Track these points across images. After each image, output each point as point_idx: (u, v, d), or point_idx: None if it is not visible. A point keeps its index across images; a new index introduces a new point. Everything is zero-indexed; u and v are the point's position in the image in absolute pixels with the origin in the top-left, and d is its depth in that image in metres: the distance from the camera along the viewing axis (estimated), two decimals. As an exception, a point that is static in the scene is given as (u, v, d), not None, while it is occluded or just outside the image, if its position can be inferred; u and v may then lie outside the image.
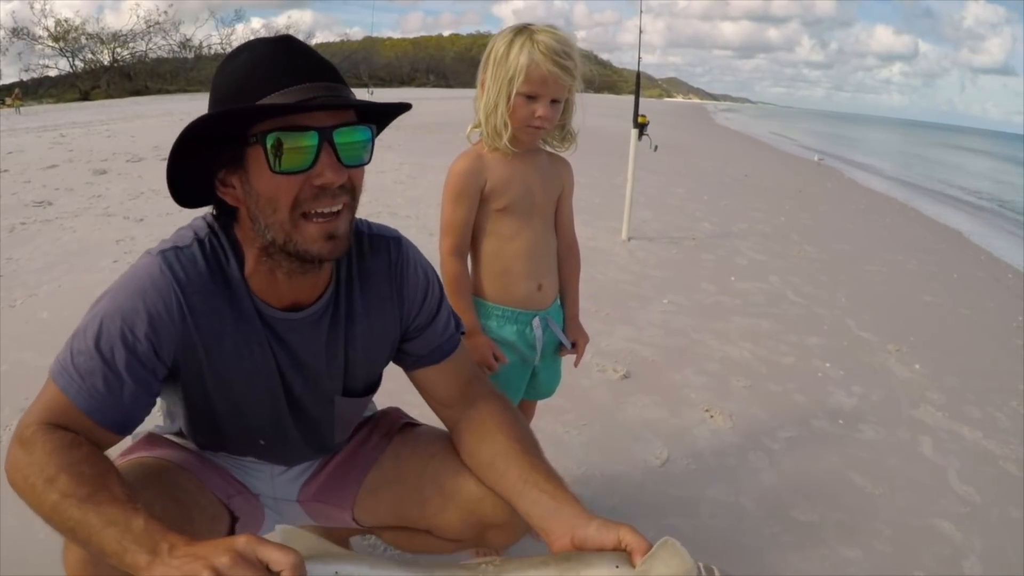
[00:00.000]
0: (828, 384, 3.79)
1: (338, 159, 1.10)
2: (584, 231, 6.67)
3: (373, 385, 1.48)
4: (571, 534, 1.12)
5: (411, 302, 1.40)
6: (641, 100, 6.56)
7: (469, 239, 1.93)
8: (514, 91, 1.77)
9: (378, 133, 1.23)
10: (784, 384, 3.72)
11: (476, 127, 1.91)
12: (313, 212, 1.11)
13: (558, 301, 2.12)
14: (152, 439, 1.43)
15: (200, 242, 1.20)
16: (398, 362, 1.49)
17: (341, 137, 1.10)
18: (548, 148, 2.01)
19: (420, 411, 1.61)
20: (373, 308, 1.36)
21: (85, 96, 22.85)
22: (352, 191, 1.16)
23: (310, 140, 1.07)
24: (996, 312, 5.75)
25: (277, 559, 0.87)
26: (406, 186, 8.54)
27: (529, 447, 1.34)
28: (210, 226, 1.23)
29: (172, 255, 1.18)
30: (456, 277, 1.89)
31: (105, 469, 1.06)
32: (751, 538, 2.40)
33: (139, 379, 1.14)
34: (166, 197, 1.25)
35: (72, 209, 6.17)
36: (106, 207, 5.89)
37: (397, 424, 1.61)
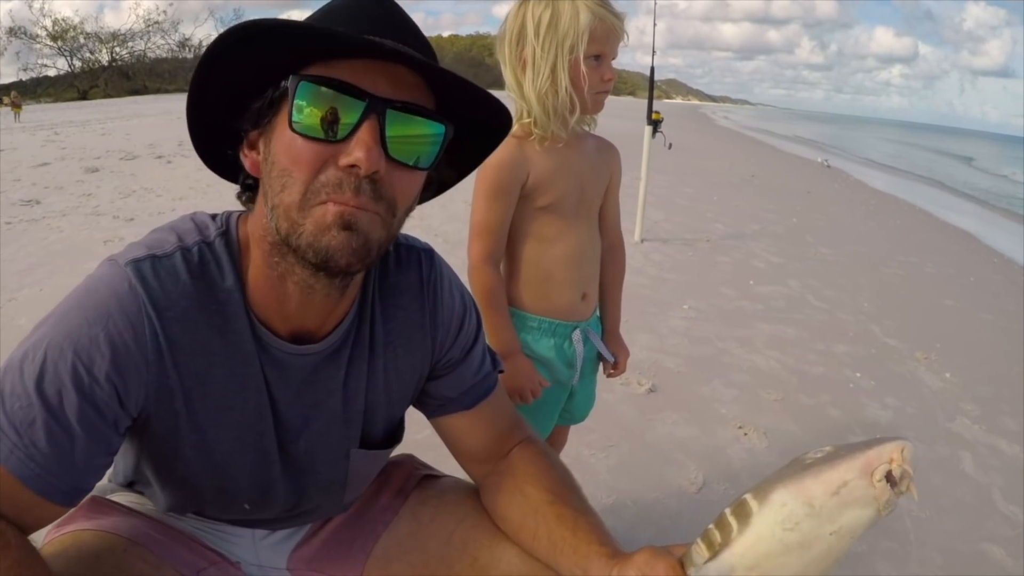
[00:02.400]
0: (861, 395, 3.64)
1: (382, 143, 0.82)
2: (597, 233, 6.56)
3: (395, 433, 1.19)
4: None
5: (445, 330, 1.12)
6: (641, 102, 6.42)
7: (504, 243, 1.65)
8: (579, 56, 1.53)
9: (468, 169, 1.01)
10: (817, 396, 3.56)
11: (523, 119, 1.61)
12: (327, 196, 0.83)
13: (597, 311, 1.87)
14: (94, 504, 1.11)
15: (185, 250, 0.90)
16: (419, 406, 1.20)
17: (395, 121, 0.83)
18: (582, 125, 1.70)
19: (439, 453, 1.28)
20: (400, 336, 1.08)
21: (83, 95, 22.76)
22: (390, 202, 0.86)
23: (353, 105, 0.81)
24: (1016, 316, 5.63)
25: None
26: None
27: (562, 496, 1.10)
28: (201, 228, 0.94)
29: (147, 266, 0.87)
30: (491, 289, 1.62)
31: (25, 557, 0.81)
32: (801, 571, 2.22)
33: (95, 434, 0.84)
34: (158, 196, 1.02)
35: (60, 208, 5.99)
36: (96, 206, 5.71)
37: (414, 477, 1.28)
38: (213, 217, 0.97)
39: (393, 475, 1.28)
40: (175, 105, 15.09)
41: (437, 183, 1.01)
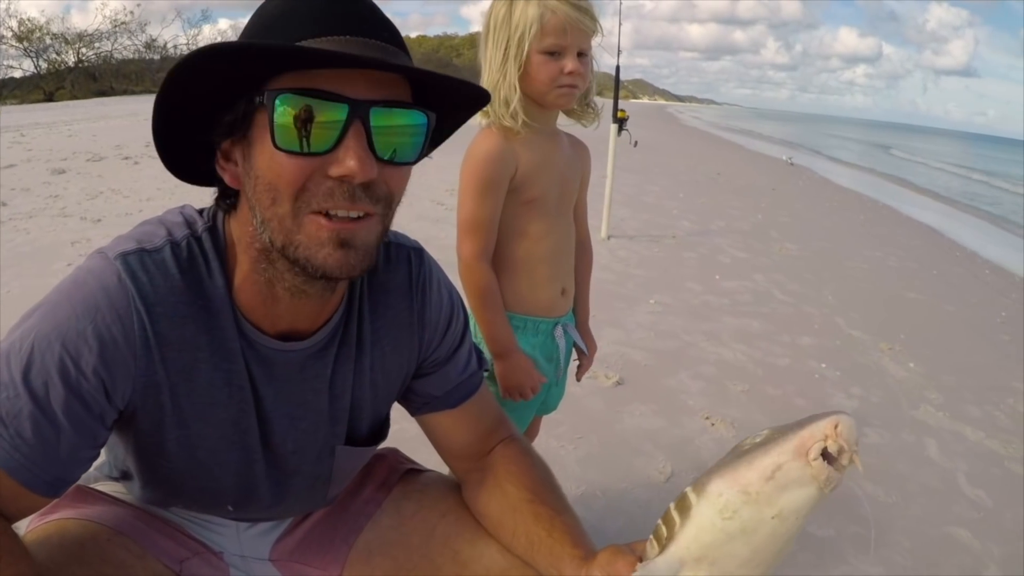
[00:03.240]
0: (826, 386, 3.68)
1: (371, 146, 0.81)
2: (563, 230, 6.56)
3: (380, 429, 1.18)
4: None
5: (433, 329, 1.12)
6: (608, 101, 6.47)
7: (495, 239, 1.61)
8: (526, 51, 1.51)
9: (445, 134, 0.98)
10: (783, 387, 3.59)
11: (484, 114, 1.60)
12: (323, 209, 0.82)
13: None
14: (79, 493, 1.11)
15: (174, 245, 0.90)
16: (404, 403, 1.20)
17: (380, 119, 0.81)
18: (580, 122, 1.72)
19: (426, 450, 1.28)
20: (387, 333, 1.08)
21: (50, 97, 22.31)
22: (387, 199, 0.87)
23: (336, 113, 0.79)
24: (979, 307, 5.76)
25: None
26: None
27: (540, 495, 1.11)
28: (190, 223, 0.94)
29: (136, 260, 0.87)
30: (487, 287, 1.58)
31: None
32: (768, 557, 2.23)
33: (81, 427, 0.85)
34: (125, 197, 0.99)
35: (27, 210, 5.85)
36: (63, 207, 5.60)
37: (397, 471, 1.28)
38: (201, 212, 0.96)
39: (376, 468, 1.28)
40: (141, 106, 14.87)
41: None
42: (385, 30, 0.87)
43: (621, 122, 6.29)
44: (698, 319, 4.53)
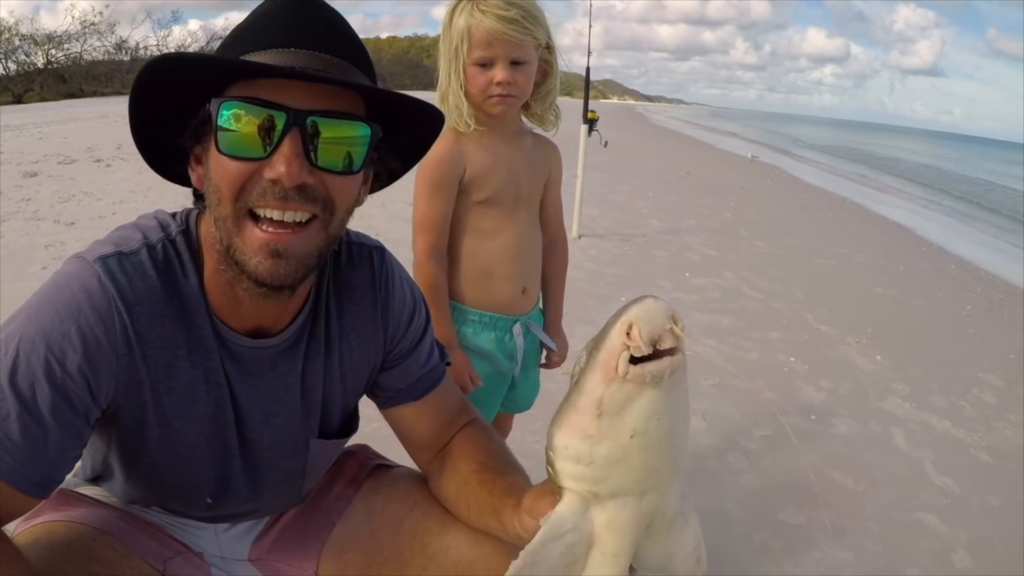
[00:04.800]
0: (795, 379, 3.76)
1: (307, 154, 0.86)
2: (533, 231, 6.59)
3: (351, 422, 1.23)
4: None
5: (396, 323, 1.17)
6: (578, 102, 6.53)
7: (447, 237, 1.68)
8: (462, 61, 1.57)
9: (414, 159, 1.07)
10: (753, 381, 3.66)
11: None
12: (262, 215, 0.87)
13: (540, 304, 1.92)
14: (62, 497, 1.13)
15: (150, 247, 0.94)
16: (372, 397, 1.25)
17: (319, 129, 0.87)
18: (536, 128, 1.80)
19: (399, 448, 1.32)
20: (353, 329, 1.13)
21: (18, 99, 21.84)
22: (325, 202, 0.90)
23: (274, 121, 0.85)
24: (944, 302, 5.91)
25: None
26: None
27: (488, 463, 1.15)
28: (163, 226, 0.98)
29: (115, 263, 0.91)
30: (433, 283, 1.65)
31: None
32: (741, 546, 2.30)
33: (67, 426, 0.87)
34: (98, 199, 1.03)
35: (-1, 213, 5.79)
36: (35, 211, 5.52)
37: (367, 467, 1.32)
38: (174, 215, 1.01)
39: (346, 465, 1.32)
40: (112, 108, 14.63)
41: (387, 173, 1.06)
42: (337, 44, 0.92)
43: (591, 123, 6.36)
44: (669, 316, 4.57)
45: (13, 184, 6.51)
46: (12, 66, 24.89)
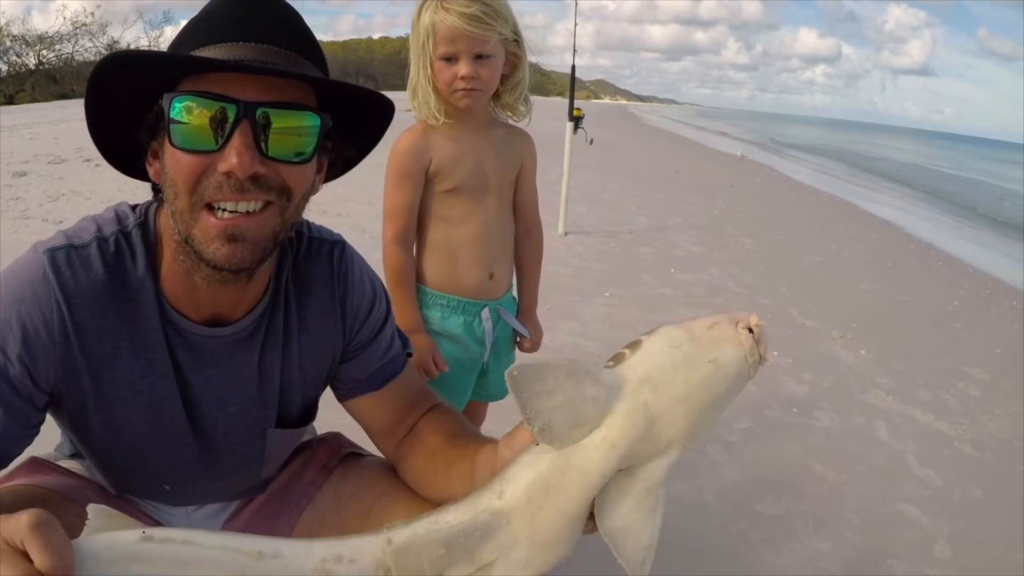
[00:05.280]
0: (778, 373, 3.77)
1: (258, 145, 0.88)
2: (519, 227, 6.60)
3: (310, 412, 1.25)
4: None
5: (355, 315, 1.20)
6: (566, 101, 6.55)
7: (415, 225, 1.76)
8: (429, 56, 1.65)
9: (368, 147, 1.09)
10: (736, 374, 3.66)
11: (408, 110, 1.73)
12: (215, 204, 0.90)
13: (513, 292, 1.96)
14: (35, 465, 1.17)
15: (102, 240, 0.98)
16: (333, 389, 1.27)
17: (269, 121, 0.89)
18: (509, 120, 1.85)
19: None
20: (313, 321, 1.16)
21: (10, 100, 21.79)
22: (281, 189, 0.92)
23: (224, 113, 0.87)
24: (932, 297, 5.94)
25: (42, 562, 0.64)
26: (336, 182, 8.23)
27: (456, 433, 1.17)
28: (121, 219, 1.02)
29: (62, 256, 0.95)
30: (400, 267, 1.73)
31: None
32: (720, 537, 2.31)
33: (12, 408, 0.93)
34: (87, 199, 1.03)
35: (-12, 212, 5.79)
36: (24, 209, 5.55)
37: (339, 454, 1.35)
38: (134, 208, 1.04)
39: (319, 451, 1.34)
40: None
41: (342, 162, 1.09)
42: (287, 37, 0.95)
43: (577, 120, 6.40)
44: (653, 311, 4.62)
45: (3, 183, 6.54)
46: (3, 67, 24.88)
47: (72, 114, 13.82)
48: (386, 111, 1.05)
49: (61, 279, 0.94)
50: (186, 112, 0.87)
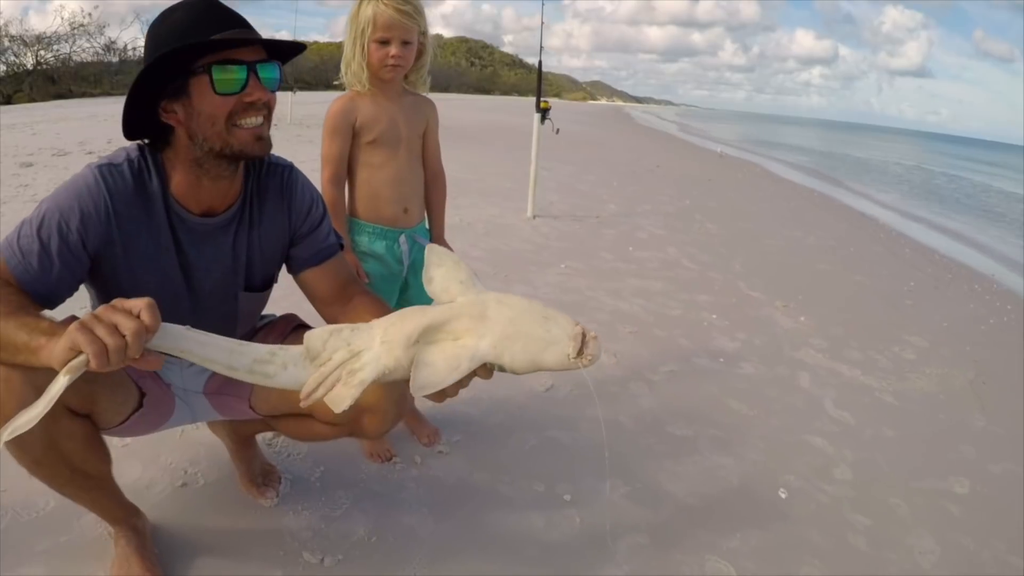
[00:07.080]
0: (713, 331, 4.07)
1: (261, 84, 1.47)
2: (492, 210, 6.94)
3: (269, 281, 1.79)
4: None
5: (297, 214, 1.74)
6: (566, 103, 6.86)
7: (345, 169, 2.28)
8: (367, 40, 2.16)
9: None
10: (670, 331, 3.99)
11: (336, 83, 2.33)
12: (242, 123, 1.46)
13: (425, 224, 2.48)
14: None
15: (130, 161, 1.53)
16: (287, 266, 1.79)
17: (262, 70, 1.47)
18: (410, 89, 2.37)
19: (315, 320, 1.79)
20: (268, 217, 1.70)
21: (8, 100, 21.95)
22: (270, 108, 1.53)
23: (241, 72, 1.44)
24: (889, 279, 6.16)
25: (133, 303, 1.17)
26: (295, 158, 8.48)
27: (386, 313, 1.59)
28: (140, 150, 1.56)
29: (106, 169, 1.50)
30: (333, 202, 2.22)
31: (27, 302, 1.36)
32: (626, 447, 2.62)
33: (67, 263, 1.45)
34: None
35: (-1, 197, 6.13)
36: (33, 194, 5.95)
37: (291, 325, 1.92)
38: (139, 149, 1.58)
39: (278, 324, 1.93)
40: (101, 108, 14.91)
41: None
42: (241, 22, 1.50)
43: (544, 112, 6.84)
44: (604, 280, 4.93)
45: (11, 173, 6.93)
46: (1, 67, 24.98)
47: (71, 113, 14.11)
48: (300, 49, 1.61)
49: (106, 182, 1.49)
50: (223, 71, 1.42)
